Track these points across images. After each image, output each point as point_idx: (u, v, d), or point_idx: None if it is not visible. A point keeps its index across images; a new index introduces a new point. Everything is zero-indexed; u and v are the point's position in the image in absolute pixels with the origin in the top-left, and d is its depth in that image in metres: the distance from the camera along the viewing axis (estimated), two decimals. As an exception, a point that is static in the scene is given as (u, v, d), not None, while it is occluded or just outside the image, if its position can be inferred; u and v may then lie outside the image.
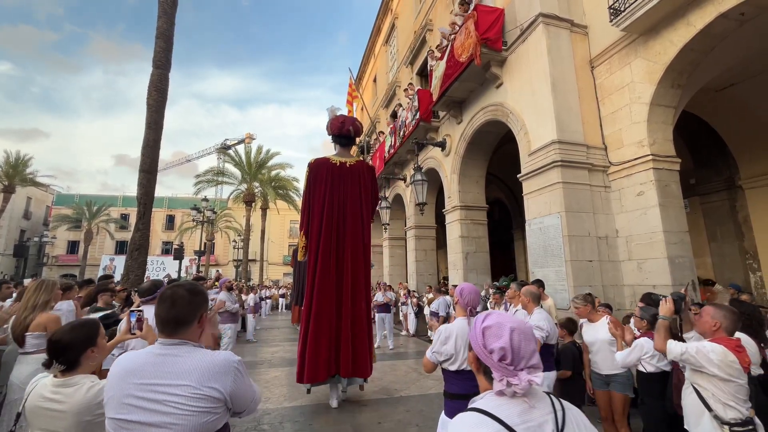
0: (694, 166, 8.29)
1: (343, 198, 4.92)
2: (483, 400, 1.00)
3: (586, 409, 3.68)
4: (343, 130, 5.07)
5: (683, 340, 2.46)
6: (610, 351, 3.26)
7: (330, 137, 5.23)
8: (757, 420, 2.12)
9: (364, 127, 11.53)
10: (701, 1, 4.75)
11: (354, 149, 6.30)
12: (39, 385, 1.57)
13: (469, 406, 1.00)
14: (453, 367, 2.49)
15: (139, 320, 2.16)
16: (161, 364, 1.22)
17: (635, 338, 3.12)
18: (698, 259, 6.29)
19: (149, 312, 2.58)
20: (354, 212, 4.95)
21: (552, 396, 1.03)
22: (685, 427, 2.31)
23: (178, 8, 8.10)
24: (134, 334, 2.17)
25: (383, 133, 13.10)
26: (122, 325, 2.85)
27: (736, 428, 2.05)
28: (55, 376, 1.59)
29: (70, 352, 1.58)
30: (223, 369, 1.25)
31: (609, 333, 3.20)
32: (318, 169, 4.96)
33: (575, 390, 3.52)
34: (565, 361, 3.60)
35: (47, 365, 1.60)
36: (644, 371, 3.03)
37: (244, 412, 1.34)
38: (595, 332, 3.41)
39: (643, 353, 2.96)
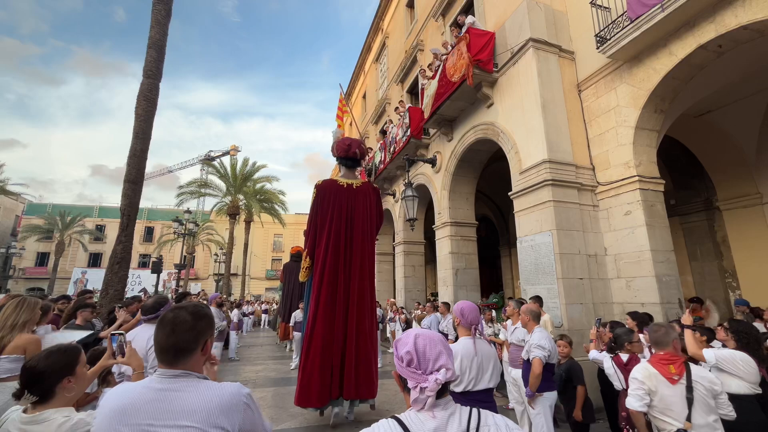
0: (674, 187, 8.63)
1: (351, 218, 5.12)
2: (405, 413, 1.06)
3: (599, 425, 3.65)
4: (349, 153, 5.35)
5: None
6: None
7: (336, 159, 5.50)
8: None
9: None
10: (682, 33, 5.03)
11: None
12: (8, 421, 1.38)
13: (391, 416, 1.07)
14: (459, 389, 2.45)
15: (121, 345, 1.91)
16: (161, 400, 1.08)
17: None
18: (680, 278, 6.47)
19: (150, 331, 2.42)
20: (362, 231, 5.15)
21: (474, 411, 1.07)
22: None
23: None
24: (116, 359, 1.94)
25: (371, 149, 13.18)
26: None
27: None
28: (25, 410, 1.41)
29: (44, 381, 1.42)
30: (232, 404, 1.13)
31: None
32: (326, 190, 5.21)
33: (583, 407, 3.41)
34: (577, 377, 3.45)
35: (18, 396, 1.43)
36: None
37: None
38: None
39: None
